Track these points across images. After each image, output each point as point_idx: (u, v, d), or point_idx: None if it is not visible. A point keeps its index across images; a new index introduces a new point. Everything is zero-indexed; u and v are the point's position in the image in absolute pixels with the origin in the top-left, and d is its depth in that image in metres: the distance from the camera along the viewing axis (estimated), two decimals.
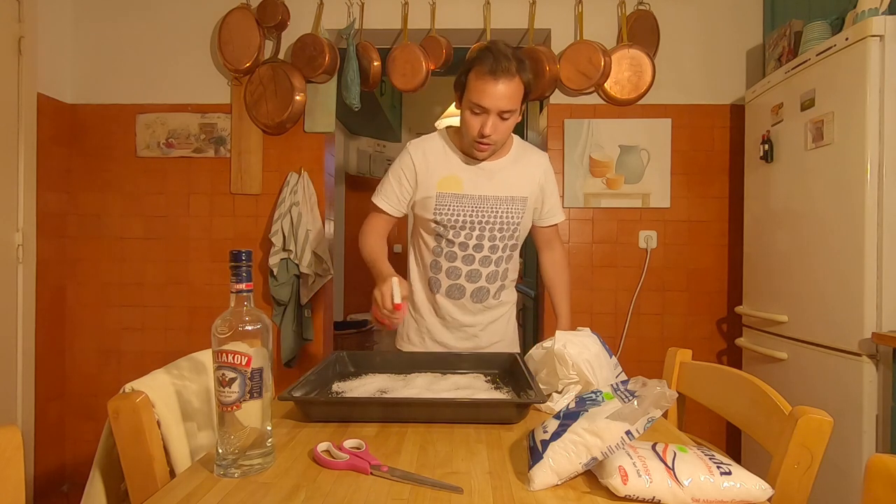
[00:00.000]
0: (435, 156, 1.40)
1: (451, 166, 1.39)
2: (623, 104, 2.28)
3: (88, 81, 2.35)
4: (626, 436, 0.64)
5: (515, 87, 1.25)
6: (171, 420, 0.85)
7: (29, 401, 2.10)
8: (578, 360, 0.99)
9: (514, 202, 1.40)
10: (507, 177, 1.40)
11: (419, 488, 0.66)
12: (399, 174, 1.41)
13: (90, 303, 2.35)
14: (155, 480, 0.76)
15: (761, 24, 2.29)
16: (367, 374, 1.18)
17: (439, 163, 1.39)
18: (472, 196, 1.38)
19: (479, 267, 1.41)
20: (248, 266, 0.73)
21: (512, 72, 1.23)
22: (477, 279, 1.42)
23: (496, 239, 1.40)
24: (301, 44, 2.22)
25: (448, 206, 1.38)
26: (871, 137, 1.45)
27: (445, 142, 1.42)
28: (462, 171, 1.39)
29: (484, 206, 1.38)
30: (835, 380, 1.55)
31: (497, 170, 1.40)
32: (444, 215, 1.38)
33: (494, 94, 1.23)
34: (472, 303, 1.43)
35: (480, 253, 1.40)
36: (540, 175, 1.45)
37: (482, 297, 1.43)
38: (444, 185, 1.38)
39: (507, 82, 1.23)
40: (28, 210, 2.09)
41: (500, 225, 1.40)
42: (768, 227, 1.92)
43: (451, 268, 1.41)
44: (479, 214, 1.39)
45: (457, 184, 1.38)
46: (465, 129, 1.31)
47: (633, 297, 2.30)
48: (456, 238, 1.39)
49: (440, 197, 1.37)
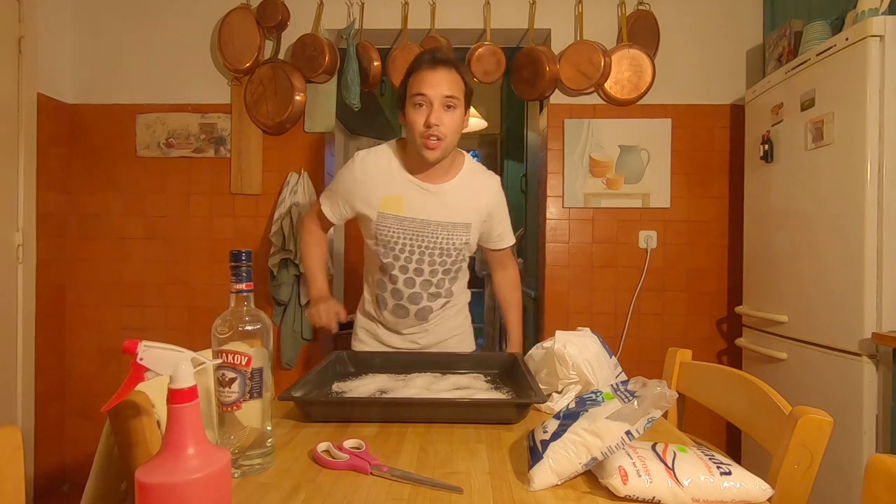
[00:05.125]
0: (379, 172, 1.33)
1: (394, 185, 1.33)
2: (623, 104, 2.28)
3: (88, 81, 2.35)
4: (626, 436, 0.64)
5: (455, 77, 1.23)
6: None
7: (29, 401, 2.10)
8: (578, 360, 0.99)
9: (457, 228, 1.34)
10: (452, 201, 1.34)
11: (419, 488, 0.66)
12: (342, 188, 1.36)
13: (90, 303, 2.35)
14: None
15: (761, 24, 2.29)
16: (366, 374, 1.18)
17: (383, 180, 1.33)
18: (413, 219, 1.32)
19: (420, 290, 1.38)
20: (248, 266, 0.73)
21: (451, 63, 1.23)
22: (419, 301, 1.39)
23: (436, 263, 1.36)
24: (301, 44, 2.22)
25: (388, 227, 1.32)
26: (871, 137, 1.45)
27: (392, 157, 1.35)
28: (405, 190, 1.32)
29: (425, 230, 1.33)
30: (835, 380, 1.55)
31: (442, 192, 1.33)
32: (384, 236, 1.33)
33: (433, 80, 1.21)
34: (416, 320, 1.41)
35: (421, 277, 1.37)
36: (487, 201, 1.39)
37: (425, 315, 1.42)
38: (385, 204, 1.32)
39: (446, 71, 1.22)
40: (28, 210, 2.09)
41: (441, 250, 1.35)
42: (768, 227, 1.92)
43: (395, 289, 1.38)
44: (420, 238, 1.33)
45: (398, 205, 1.32)
46: (411, 128, 1.24)
47: (633, 297, 2.30)
48: (396, 261, 1.35)
49: (381, 217, 1.32)
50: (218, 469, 0.53)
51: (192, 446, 0.53)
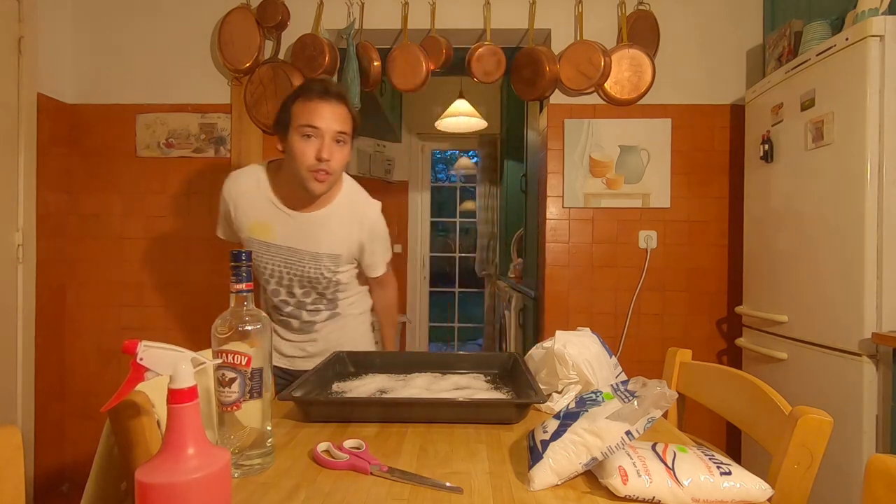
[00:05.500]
0: (248, 198, 1.30)
1: (263, 211, 1.29)
2: (623, 104, 2.28)
3: (88, 81, 2.35)
4: (626, 436, 0.64)
5: (346, 113, 1.21)
6: None
7: (29, 401, 2.10)
8: (578, 360, 0.99)
9: (324, 259, 1.31)
10: (322, 231, 1.30)
11: (419, 488, 0.66)
12: (221, 207, 1.35)
13: (90, 303, 2.35)
14: None
15: (761, 24, 2.29)
16: (366, 374, 1.18)
17: (251, 205, 1.29)
18: (280, 247, 1.29)
19: (296, 309, 1.39)
20: (248, 266, 0.73)
21: (342, 98, 1.21)
22: (299, 316, 1.39)
23: (308, 287, 1.35)
24: (301, 44, 2.22)
25: (258, 253, 1.30)
26: (871, 137, 1.45)
27: (261, 180, 1.30)
28: (274, 217, 1.29)
29: (293, 258, 1.30)
30: (835, 380, 1.55)
31: (311, 222, 1.29)
32: (254, 260, 1.29)
33: (326, 113, 1.17)
34: (300, 333, 1.42)
35: (294, 298, 1.37)
36: (360, 232, 1.34)
37: (308, 328, 1.42)
38: (255, 230, 1.30)
39: (338, 105, 1.20)
40: (28, 210, 2.09)
41: (310, 279, 1.33)
42: (768, 227, 1.92)
43: (275, 305, 1.39)
44: (288, 266, 1.31)
45: (267, 231, 1.29)
46: (298, 159, 1.18)
47: (633, 297, 2.30)
48: (268, 284, 1.35)
49: (250, 242, 1.31)
50: (218, 469, 0.53)
51: (192, 446, 0.53)
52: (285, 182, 1.27)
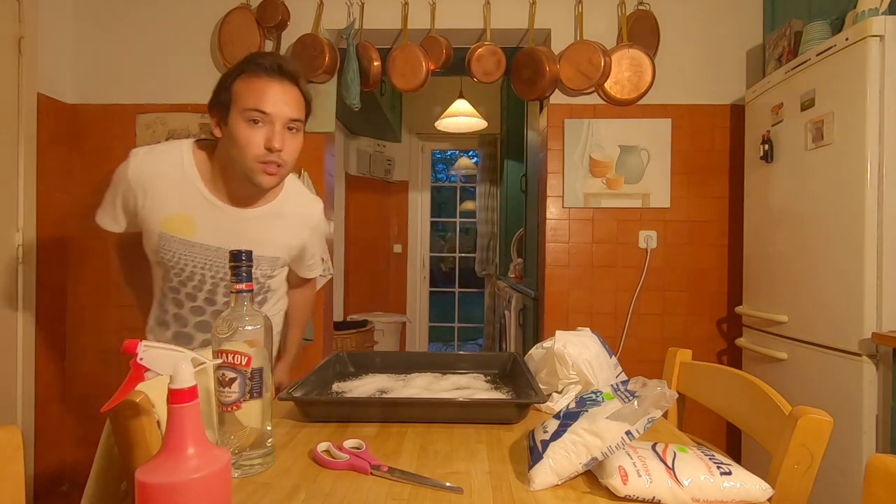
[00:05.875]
0: (167, 183, 1.07)
1: (185, 202, 1.07)
2: (623, 104, 2.28)
3: (88, 81, 2.35)
4: (626, 436, 0.64)
5: (300, 97, 1.04)
6: None
7: (29, 401, 2.10)
8: (578, 360, 0.99)
9: (262, 263, 1.14)
10: (259, 231, 1.12)
11: (419, 488, 0.66)
12: (115, 196, 1.12)
13: (90, 303, 2.35)
14: None
15: (761, 24, 2.29)
16: (366, 375, 1.18)
17: (171, 194, 1.06)
18: (205, 246, 1.09)
19: (209, 319, 1.16)
20: (248, 266, 0.73)
21: (296, 79, 1.03)
22: (209, 328, 1.16)
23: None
24: (301, 44, 2.22)
25: (173, 251, 1.08)
26: (871, 137, 1.45)
27: (186, 165, 1.07)
28: (200, 211, 1.07)
29: (219, 260, 1.10)
30: (835, 380, 1.55)
31: (247, 219, 1.11)
32: (167, 259, 1.09)
33: (278, 97, 0.99)
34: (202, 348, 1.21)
35: (213, 307, 1.15)
36: (303, 232, 1.21)
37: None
38: (170, 224, 1.07)
39: (291, 88, 1.02)
40: (28, 210, 2.09)
41: None
42: (768, 227, 1.92)
43: (178, 314, 1.16)
44: (212, 269, 1.11)
45: (188, 227, 1.07)
46: (243, 149, 0.99)
47: (633, 297, 2.30)
48: (182, 287, 1.12)
49: (164, 238, 1.08)
50: (218, 469, 0.53)
51: (192, 446, 0.53)
52: (221, 171, 1.07)
